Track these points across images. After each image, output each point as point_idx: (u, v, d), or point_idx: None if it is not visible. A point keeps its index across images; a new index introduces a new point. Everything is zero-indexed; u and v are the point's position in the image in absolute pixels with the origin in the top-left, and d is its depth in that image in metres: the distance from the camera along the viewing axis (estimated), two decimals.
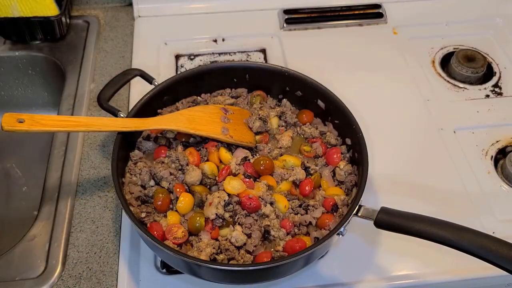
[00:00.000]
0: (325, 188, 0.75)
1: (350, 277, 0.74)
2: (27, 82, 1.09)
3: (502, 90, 1.03)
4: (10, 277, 0.73)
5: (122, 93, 0.96)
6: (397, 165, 0.88)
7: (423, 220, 0.60)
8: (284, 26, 1.13)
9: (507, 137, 0.93)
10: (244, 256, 0.67)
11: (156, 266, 0.75)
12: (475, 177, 0.87)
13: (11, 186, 1.05)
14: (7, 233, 0.96)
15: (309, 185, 0.74)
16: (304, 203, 0.72)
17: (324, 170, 0.77)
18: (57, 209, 0.80)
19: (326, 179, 0.76)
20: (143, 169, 0.75)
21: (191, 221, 0.69)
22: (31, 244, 0.76)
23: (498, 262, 0.56)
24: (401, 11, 1.17)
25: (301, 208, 0.72)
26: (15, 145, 1.10)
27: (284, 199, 0.72)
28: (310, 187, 0.74)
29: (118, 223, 0.79)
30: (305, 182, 0.74)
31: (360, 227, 0.71)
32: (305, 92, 0.84)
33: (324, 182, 0.76)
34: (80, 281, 0.73)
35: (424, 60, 1.08)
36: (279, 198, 0.72)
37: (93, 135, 0.92)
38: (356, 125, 0.75)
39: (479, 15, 1.17)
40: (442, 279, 0.74)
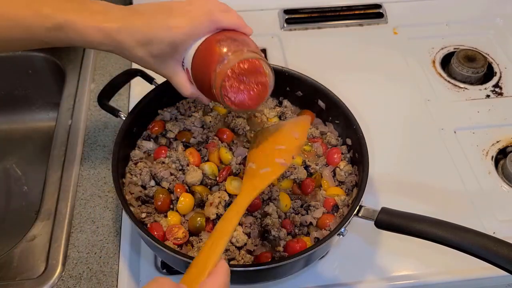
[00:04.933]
0: (326, 188, 0.75)
1: (350, 277, 0.74)
2: (27, 82, 1.09)
3: (502, 90, 1.03)
4: (10, 277, 0.73)
5: (122, 93, 0.96)
6: (398, 165, 0.88)
7: (423, 220, 0.60)
8: (285, 26, 1.13)
9: (508, 137, 0.93)
10: (244, 256, 0.67)
11: (156, 266, 0.75)
12: (475, 177, 0.87)
13: (11, 186, 1.05)
14: (7, 233, 0.95)
15: (311, 183, 0.74)
16: (305, 203, 0.72)
17: (324, 170, 0.77)
18: (57, 209, 0.80)
19: (327, 179, 0.76)
20: (143, 169, 0.74)
21: (192, 222, 0.69)
22: (31, 244, 0.76)
23: (498, 262, 0.56)
24: (401, 11, 1.17)
25: (302, 208, 0.72)
26: (15, 145, 1.10)
27: (287, 198, 0.72)
28: (312, 186, 0.74)
29: (119, 223, 0.79)
30: (307, 181, 0.74)
31: (361, 227, 0.71)
32: (306, 92, 0.84)
33: (324, 182, 0.76)
34: (80, 281, 0.73)
35: (424, 60, 1.08)
36: (282, 196, 0.72)
37: (93, 135, 0.92)
38: (356, 125, 0.75)
39: (479, 15, 1.17)
40: (442, 279, 0.74)
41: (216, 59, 0.60)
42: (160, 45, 0.62)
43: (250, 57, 0.60)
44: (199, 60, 0.63)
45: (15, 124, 1.12)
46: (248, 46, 0.62)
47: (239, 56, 0.59)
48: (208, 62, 0.61)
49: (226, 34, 0.62)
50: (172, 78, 0.67)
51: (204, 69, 0.62)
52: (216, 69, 0.60)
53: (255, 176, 0.63)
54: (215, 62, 0.60)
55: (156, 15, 0.62)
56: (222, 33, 0.63)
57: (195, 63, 0.63)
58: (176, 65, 0.66)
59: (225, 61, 0.59)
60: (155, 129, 0.81)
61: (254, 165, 0.65)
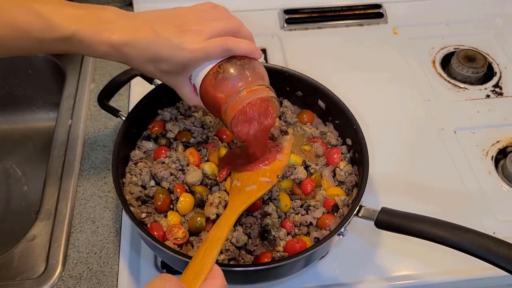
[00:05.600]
0: (326, 188, 0.75)
1: (350, 277, 0.74)
2: (27, 82, 1.09)
3: (502, 90, 1.03)
4: (10, 277, 0.73)
5: (122, 93, 0.96)
6: (398, 165, 0.88)
7: (423, 220, 0.60)
8: (285, 26, 1.13)
9: (508, 137, 0.93)
10: (244, 256, 0.67)
11: (156, 266, 0.75)
12: (475, 177, 0.87)
13: (11, 186, 1.05)
14: (7, 233, 0.95)
15: (311, 183, 0.74)
16: (305, 203, 0.72)
17: (324, 170, 0.77)
18: (57, 209, 0.80)
19: (327, 179, 0.76)
20: (143, 170, 0.74)
21: (192, 222, 0.69)
22: (31, 244, 0.76)
23: (498, 262, 0.56)
24: (401, 11, 1.16)
25: (302, 208, 0.72)
26: (15, 145, 1.10)
27: (287, 198, 0.72)
28: (311, 185, 0.74)
29: (119, 223, 0.79)
30: (306, 181, 0.74)
31: (361, 227, 0.72)
32: (306, 92, 0.84)
33: (324, 182, 0.76)
34: (80, 281, 0.73)
35: (424, 60, 1.08)
36: (283, 196, 0.72)
37: (93, 135, 0.92)
38: (356, 125, 0.75)
39: (479, 15, 1.17)
40: (442, 279, 0.74)
41: (228, 91, 0.61)
42: (169, 64, 0.62)
43: (263, 96, 0.62)
44: (210, 87, 0.63)
45: (15, 124, 1.12)
46: (261, 78, 0.63)
47: (252, 95, 0.61)
48: (219, 91, 0.62)
49: (239, 62, 0.63)
50: (178, 90, 0.68)
51: (214, 98, 0.63)
52: (229, 103, 0.61)
53: (241, 192, 0.65)
54: (227, 95, 0.61)
55: (166, 30, 0.60)
56: (235, 61, 0.63)
57: (205, 88, 0.64)
58: (183, 80, 0.66)
59: (238, 97, 0.61)
60: (155, 129, 0.81)
61: (239, 182, 0.67)
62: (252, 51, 0.63)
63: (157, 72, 0.64)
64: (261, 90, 0.62)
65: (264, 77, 0.64)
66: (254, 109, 0.62)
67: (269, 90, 0.63)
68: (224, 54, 0.62)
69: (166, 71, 0.63)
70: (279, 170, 0.68)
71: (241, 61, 0.63)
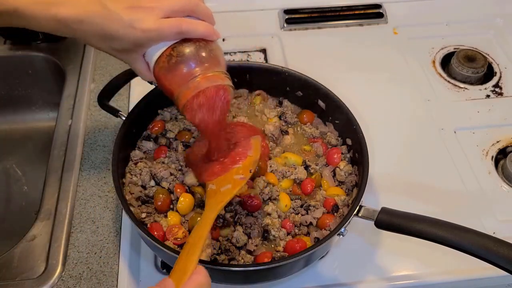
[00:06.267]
0: (326, 188, 0.75)
1: (350, 277, 0.74)
2: (27, 82, 1.09)
3: (502, 90, 1.03)
4: (10, 277, 0.73)
5: (122, 93, 0.96)
6: (398, 165, 0.88)
7: (423, 221, 0.60)
8: (285, 26, 1.13)
9: (508, 137, 0.93)
10: (244, 256, 0.67)
11: (156, 266, 0.75)
12: (475, 177, 0.87)
13: (11, 186, 1.05)
14: (7, 233, 0.95)
15: (311, 183, 0.74)
16: (305, 203, 0.72)
17: (324, 170, 0.77)
18: (57, 209, 0.80)
19: (327, 179, 0.76)
20: (143, 170, 0.74)
21: (192, 222, 0.69)
22: (31, 244, 0.76)
23: (498, 262, 0.56)
24: (401, 11, 1.17)
25: (302, 208, 0.72)
26: (15, 145, 1.10)
27: (287, 198, 0.72)
28: (311, 185, 0.74)
29: (119, 223, 0.79)
30: (306, 181, 0.74)
31: (361, 227, 0.71)
32: (306, 92, 0.84)
33: (324, 182, 0.76)
34: (80, 281, 0.73)
35: (424, 60, 1.08)
36: (282, 196, 0.72)
37: (93, 135, 0.92)
38: (356, 125, 0.75)
39: (479, 15, 1.17)
40: (442, 279, 0.74)
41: (181, 76, 0.60)
42: (120, 42, 0.59)
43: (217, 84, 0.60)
44: (163, 70, 0.61)
45: (15, 124, 1.12)
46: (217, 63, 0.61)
47: (206, 82, 0.60)
48: (172, 75, 0.61)
49: (194, 45, 0.60)
50: (132, 66, 0.66)
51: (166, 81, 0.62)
52: (181, 89, 0.60)
53: (217, 194, 0.65)
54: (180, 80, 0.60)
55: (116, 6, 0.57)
56: (190, 44, 0.60)
57: (158, 70, 0.62)
58: (137, 56, 0.63)
59: (191, 84, 0.59)
60: (155, 129, 0.81)
61: (214, 186, 0.66)
62: (209, 33, 0.60)
63: (109, 49, 0.62)
64: (216, 77, 0.60)
65: (221, 61, 0.62)
66: (207, 97, 0.60)
67: (224, 77, 0.61)
68: (179, 37, 0.60)
69: (118, 49, 0.61)
70: (251, 165, 0.67)
71: (197, 44, 0.60)
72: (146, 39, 0.59)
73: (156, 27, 0.58)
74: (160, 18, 0.58)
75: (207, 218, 0.60)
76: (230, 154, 0.69)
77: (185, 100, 0.60)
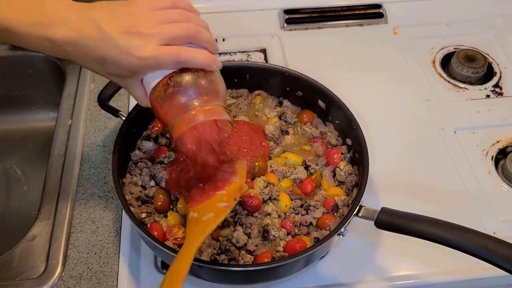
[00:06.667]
0: (326, 188, 0.75)
1: (350, 277, 0.74)
2: (27, 82, 1.09)
3: (502, 90, 1.03)
4: (10, 277, 0.73)
5: (122, 93, 0.96)
6: (398, 165, 0.88)
7: (423, 221, 0.60)
8: (285, 26, 1.13)
9: (508, 137, 0.93)
10: (244, 256, 0.67)
11: (156, 266, 0.75)
12: (475, 177, 0.87)
13: (11, 186, 1.05)
14: (7, 233, 0.95)
15: (311, 183, 0.74)
16: (305, 203, 0.72)
17: (324, 170, 0.77)
18: (57, 209, 0.80)
19: (327, 179, 0.76)
20: (143, 170, 0.75)
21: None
22: (31, 244, 0.76)
23: (498, 262, 0.56)
24: (401, 11, 1.16)
25: (302, 208, 0.72)
26: (15, 145, 1.10)
27: (287, 198, 0.72)
28: (311, 185, 0.74)
29: (119, 223, 0.79)
30: (306, 181, 0.74)
31: (361, 227, 0.71)
32: (306, 92, 0.84)
33: (324, 182, 0.76)
34: (80, 281, 0.73)
35: (424, 60, 1.08)
36: (283, 196, 0.72)
37: (93, 135, 0.92)
38: (356, 125, 0.75)
39: (479, 15, 1.17)
40: (442, 279, 0.74)
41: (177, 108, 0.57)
42: (116, 68, 0.57)
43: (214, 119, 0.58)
44: (159, 99, 0.58)
45: (15, 124, 1.12)
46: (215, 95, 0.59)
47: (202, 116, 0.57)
48: (168, 105, 0.58)
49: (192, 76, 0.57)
50: (129, 90, 0.63)
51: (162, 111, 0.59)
52: (176, 121, 0.57)
53: (199, 223, 0.61)
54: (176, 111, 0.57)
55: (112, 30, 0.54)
56: (187, 74, 0.57)
57: (154, 99, 0.59)
58: (134, 82, 0.61)
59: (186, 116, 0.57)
60: (155, 129, 0.81)
61: (196, 213, 0.63)
62: (209, 63, 0.57)
63: (104, 73, 0.59)
64: (213, 110, 0.57)
65: (220, 93, 0.59)
66: (202, 132, 0.58)
67: (222, 111, 0.58)
68: (177, 66, 0.57)
69: (113, 74, 0.59)
70: (236, 192, 0.63)
71: (196, 74, 0.58)
72: (143, 66, 0.56)
73: (154, 55, 0.55)
74: (159, 45, 0.55)
75: (188, 250, 0.56)
76: (214, 179, 0.65)
77: (179, 133, 0.57)
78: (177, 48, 0.56)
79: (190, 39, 0.58)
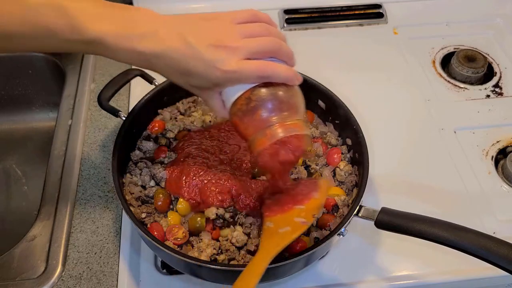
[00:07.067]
0: None
1: (350, 277, 0.74)
2: (27, 82, 1.09)
3: (502, 90, 1.03)
4: (10, 277, 0.73)
5: (122, 93, 0.96)
6: (398, 166, 0.88)
7: (423, 221, 0.60)
8: (285, 26, 1.13)
9: (508, 137, 0.93)
10: (244, 256, 0.67)
11: (156, 266, 0.75)
12: (475, 177, 0.87)
13: (11, 186, 1.05)
14: (7, 233, 0.96)
15: None
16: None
17: (324, 170, 0.77)
18: (57, 209, 0.80)
19: (327, 179, 0.76)
20: (143, 170, 0.75)
21: (192, 222, 0.69)
22: (31, 244, 0.76)
23: (498, 262, 0.56)
24: (401, 11, 1.17)
25: None
26: (15, 145, 1.10)
27: None
28: None
29: (119, 224, 0.79)
30: None
31: (361, 227, 0.72)
32: (306, 92, 0.83)
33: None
34: (80, 281, 0.73)
35: (424, 60, 1.08)
36: None
37: (93, 135, 0.92)
38: (356, 125, 0.75)
39: (479, 15, 1.17)
40: (442, 279, 0.74)
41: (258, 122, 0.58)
42: (199, 80, 0.58)
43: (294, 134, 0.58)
44: (240, 113, 0.59)
45: (15, 124, 1.12)
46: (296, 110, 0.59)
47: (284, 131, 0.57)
48: (249, 120, 0.58)
49: (274, 91, 0.58)
50: (207, 102, 0.64)
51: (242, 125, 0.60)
52: (257, 135, 0.58)
53: (274, 234, 0.61)
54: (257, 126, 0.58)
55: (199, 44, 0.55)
56: (270, 89, 0.58)
57: (235, 112, 0.60)
58: (213, 94, 0.62)
59: (268, 131, 0.57)
60: (155, 129, 0.81)
61: (272, 224, 0.63)
62: (291, 78, 0.58)
63: (186, 85, 0.60)
64: (294, 125, 0.58)
65: (300, 108, 0.60)
66: (283, 147, 0.59)
67: (302, 125, 0.59)
68: (260, 80, 0.57)
69: (195, 85, 0.60)
70: (316, 210, 0.62)
71: (277, 88, 0.58)
72: (226, 80, 0.57)
73: (238, 69, 0.55)
74: (243, 59, 0.56)
75: (261, 261, 0.56)
76: (293, 192, 0.65)
77: (260, 148, 0.58)
78: (261, 63, 0.57)
79: (273, 53, 0.58)
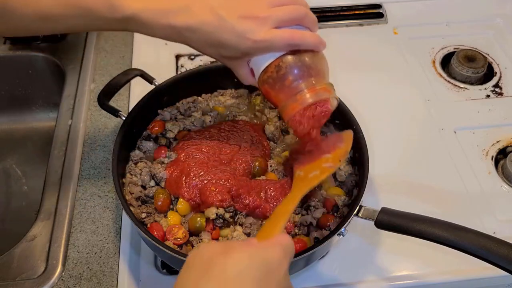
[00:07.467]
0: (326, 188, 0.75)
1: (350, 277, 0.74)
2: (27, 82, 1.09)
3: (502, 90, 1.03)
4: (10, 277, 0.73)
5: (122, 93, 0.96)
6: (398, 165, 0.88)
7: (423, 221, 0.60)
8: None
9: (508, 137, 0.93)
10: None
11: (156, 266, 0.75)
12: (475, 177, 0.87)
13: (11, 186, 1.05)
14: (7, 233, 0.96)
15: None
16: (305, 203, 0.72)
17: None
18: (57, 209, 0.80)
19: (327, 179, 0.76)
20: (143, 169, 0.74)
21: (192, 222, 0.69)
22: (31, 244, 0.76)
23: (498, 262, 0.56)
24: (401, 11, 1.17)
25: (302, 208, 0.72)
26: (15, 145, 1.10)
27: None
28: None
29: (119, 224, 0.79)
30: None
31: (361, 227, 0.72)
32: None
33: (324, 182, 0.76)
34: (80, 281, 0.73)
35: (424, 60, 1.08)
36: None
37: (93, 135, 0.92)
38: (356, 125, 0.75)
39: (479, 15, 1.17)
40: (442, 279, 0.74)
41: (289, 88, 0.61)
42: (230, 50, 0.61)
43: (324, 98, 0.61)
44: (270, 80, 0.62)
45: (15, 124, 1.12)
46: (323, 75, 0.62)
47: (314, 96, 0.60)
48: (279, 87, 0.61)
49: (302, 57, 0.61)
50: (234, 71, 0.67)
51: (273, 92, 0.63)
52: (288, 101, 0.61)
53: (304, 179, 0.66)
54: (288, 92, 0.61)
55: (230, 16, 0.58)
56: (298, 56, 0.61)
57: (264, 80, 0.63)
58: (241, 63, 0.65)
59: (299, 97, 0.60)
60: (155, 129, 0.81)
61: (302, 172, 0.67)
62: (318, 44, 0.61)
63: (216, 55, 0.63)
64: (323, 90, 0.61)
65: (325, 72, 0.63)
66: (314, 111, 0.61)
67: (331, 89, 0.62)
68: (288, 48, 0.60)
69: (225, 56, 0.63)
70: (341, 156, 0.68)
71: (305, 55, 0.61)
72: (256, 49, 0.60)
73: (268, 38, 0.58)
74: (272, 28, 0.58)
75: (294, 196, 0.62)
76: (320, 146, 0.69)
77: (292, 113, 0.61)
78: (289, 31, 0.59)
79: (300, 21, 0.61)
